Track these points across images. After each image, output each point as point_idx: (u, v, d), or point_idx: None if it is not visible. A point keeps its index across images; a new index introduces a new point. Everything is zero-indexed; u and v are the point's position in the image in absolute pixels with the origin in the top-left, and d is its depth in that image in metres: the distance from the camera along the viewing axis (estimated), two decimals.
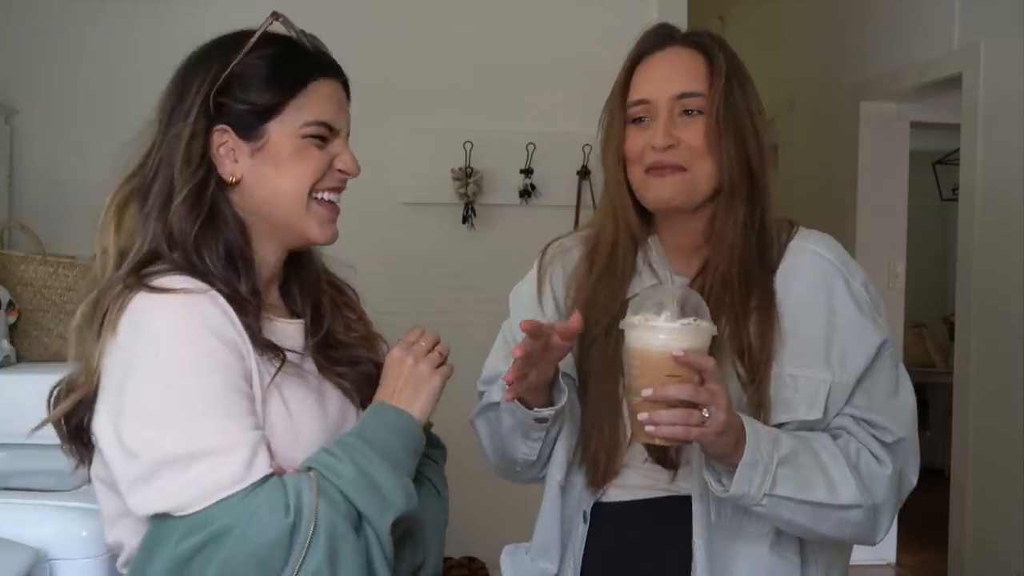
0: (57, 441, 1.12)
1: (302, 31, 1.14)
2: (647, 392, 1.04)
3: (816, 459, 1.17)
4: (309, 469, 1.01)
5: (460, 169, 2.87)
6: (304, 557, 0.94)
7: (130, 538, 1.05)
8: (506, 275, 2.95)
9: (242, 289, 1.07)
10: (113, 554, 1.11)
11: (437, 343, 1.14)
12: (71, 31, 2.69)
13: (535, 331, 1.10)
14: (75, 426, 1.07)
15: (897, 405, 1.23)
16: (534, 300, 1.36)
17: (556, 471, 1.31)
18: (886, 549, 4.05)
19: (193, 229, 1.06)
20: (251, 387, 1.03)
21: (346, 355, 1.19)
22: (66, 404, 1.07)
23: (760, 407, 1.19)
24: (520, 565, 1.36)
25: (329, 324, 1.19)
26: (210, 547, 0.94)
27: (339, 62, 1.20)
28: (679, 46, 1.25)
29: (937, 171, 5.77)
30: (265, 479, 0.98)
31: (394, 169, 2.87)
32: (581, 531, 1.29)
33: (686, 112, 1.22)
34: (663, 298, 1.08)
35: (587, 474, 1.28)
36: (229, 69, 1.07)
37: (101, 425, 1.02)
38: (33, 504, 1.49)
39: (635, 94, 1.25)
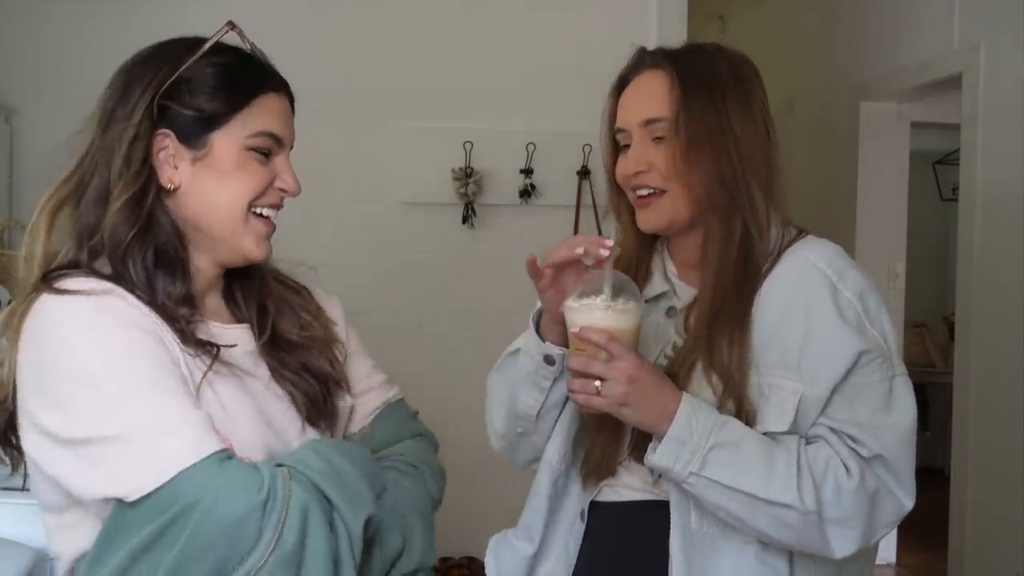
0: None
1: (252, 43, 1.13)
2: None
3: (765, 452, 1.14)
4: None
5: (460, 169, 2.87)
6: (278, 538, 0.91)
7: (77, 541, 1.02)
8: (506, 275, 2.95)
9: (169, 298, 1.04)
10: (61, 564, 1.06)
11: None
12: (71, 31, 2.69)
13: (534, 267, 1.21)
14: (1, 430, 1.04)
15: (886, 423, 1.17)
16: None
17: (553, 451, 1.32)
18: (886, 549, 4.05)
19: (127, 237, 1.03)
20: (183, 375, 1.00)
21: (296, 359, 1.16)
22: None
23: (739, 416, 1.18)
24: (503, 551, 1.38)
25: (277, 325, 1.16)
26: (175, 525, 0.90)
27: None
28: (649, 69, 1.26)
29: (937, 171, 5.77)
30: (223, 455, 0.95)
31: (394, 169, 2.87)
32: (577, 530, 1.30)
33: (655, 138, 1.24)
34: (599, 282, 1.15)
35: (582, 469, 1.29)
36: (178, 73, 1.05)
37: (25, 431, 0.99)
38: (33, 504, 1.49)
39: (617, 122, 1.28)
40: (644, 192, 1.26)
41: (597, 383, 1.13)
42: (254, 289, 1.17)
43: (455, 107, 2.90)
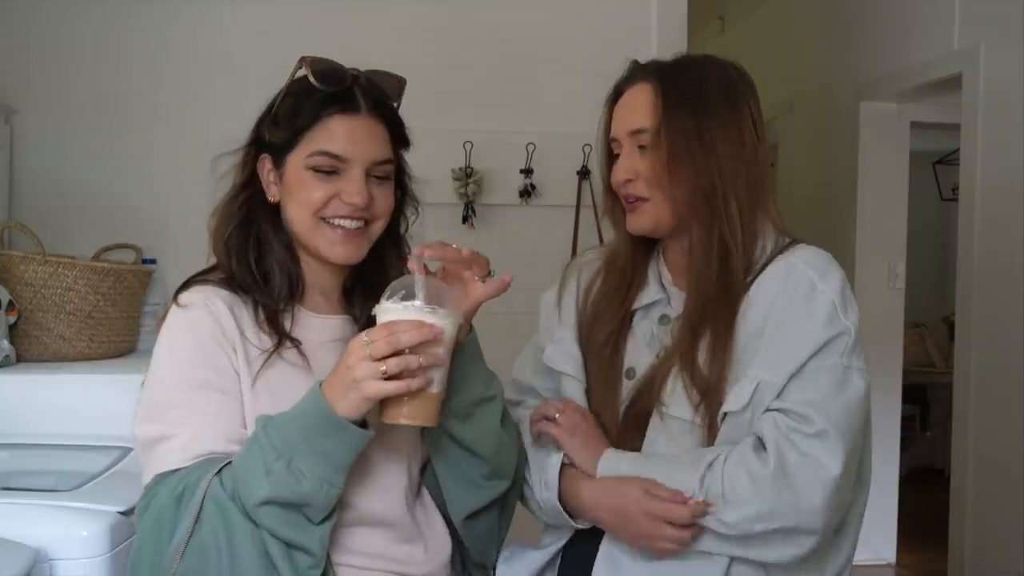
0: (58, 441, 1.20)
1: (353, 69, 1.25)
2: None
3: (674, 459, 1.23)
4: None
5: (460, 169, 2.87)
6: (194, 525, 1.09)
7: None
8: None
9: (271, 290, 1.24)
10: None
11: (411, 348, 1.06)
12: (71, 31, 2.68)
13: None
14: None
15: (835, 403, 1.18)
16: (553, 309, 1.43)
17: None
18: (886, 549, 4.05)
19: (226, 233, 1.25)
20: (235, 377, 1.19)
21: None
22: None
23: (710, 430, 1.22)
24: (515, 562, 1.39)
25: None
26: (140, 516, 1.15)
27: (339, 62, 1.22)
28: (639, 82, 1.31)
29: (937, 171, 5.77)
30: (206, 458, 1.14)
31: None
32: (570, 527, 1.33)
33: (640, 147, 1.29)
34: (412, 287, 1.12)
35: None
36: (273, 108, 1.25)
37: None
38: (33, 504, 1.49)
39: (611, 132, 1.34)
40: (632, 199, 1.31)
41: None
42: (373, 294, 1.27)
43: (455, 107, 2.90)
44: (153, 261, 2.53)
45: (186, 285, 1.25)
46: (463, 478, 1.25)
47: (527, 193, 2.93)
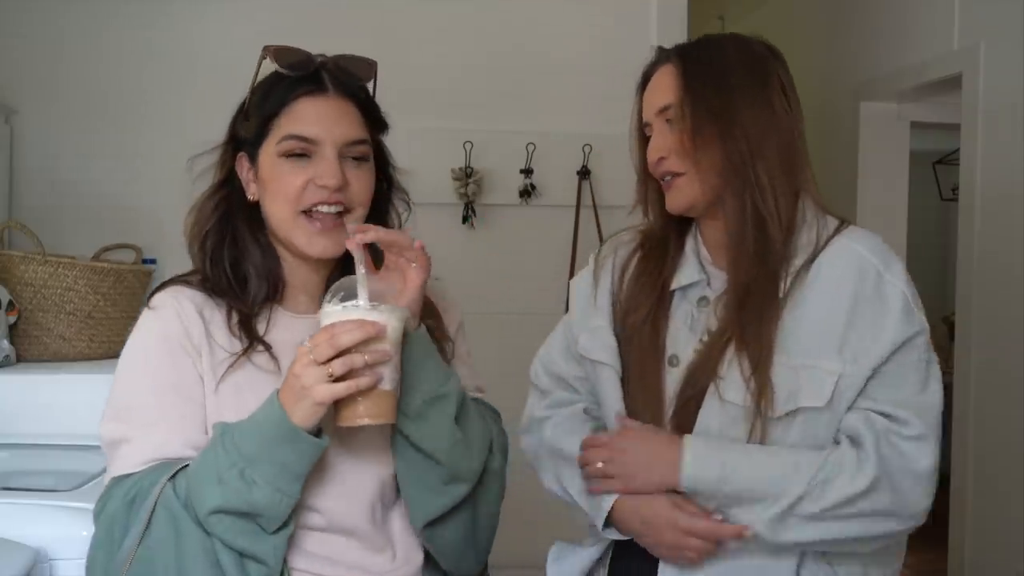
0: (57, 441, 1.21)
1: (320, 55, 1.21)
2: None
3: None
4: None
5: (460, 169, 2.87)
6: (144, 530, 1.08)
7: None
8: (506, 275, 2.94)
9: (247, 295, 1.22)
10: None
11: (354, 348, 1.05)
12: (71, 31, 2.69)
13: None
14: None
15: (925, 403, 1.22)
16: (588, 292, 1.43)
17: None
18: None
19: (202, 233, 1.23)
20: (199, 381, 1.17)
21: None
22: None
23: (761, 396, 1.20)
24: (567, 558, 1.38)
25: None
26: (97, 516, 1.15)
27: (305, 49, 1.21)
28: (664, 64, 1.32)
29: (937, 171, 5.77)
30: (162, 461, 1.13)
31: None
32: None
33: (668, 122, 1.30)
34: (354, 287, 1.10)
35: None
36: (244, 106, 1.22)
37: None
38: (33, 504, 1.50)
39: (643, 118, 1.35)
40: (668, 178, 1.30)
41: (599, 464, 1.25)
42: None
43: (455, 107, 2.90)
44: (153, 261, 2.53)
45: (162, 286, 1.24)
46: (420, 482, 1.19)
47: (527, 193, 2.93)
